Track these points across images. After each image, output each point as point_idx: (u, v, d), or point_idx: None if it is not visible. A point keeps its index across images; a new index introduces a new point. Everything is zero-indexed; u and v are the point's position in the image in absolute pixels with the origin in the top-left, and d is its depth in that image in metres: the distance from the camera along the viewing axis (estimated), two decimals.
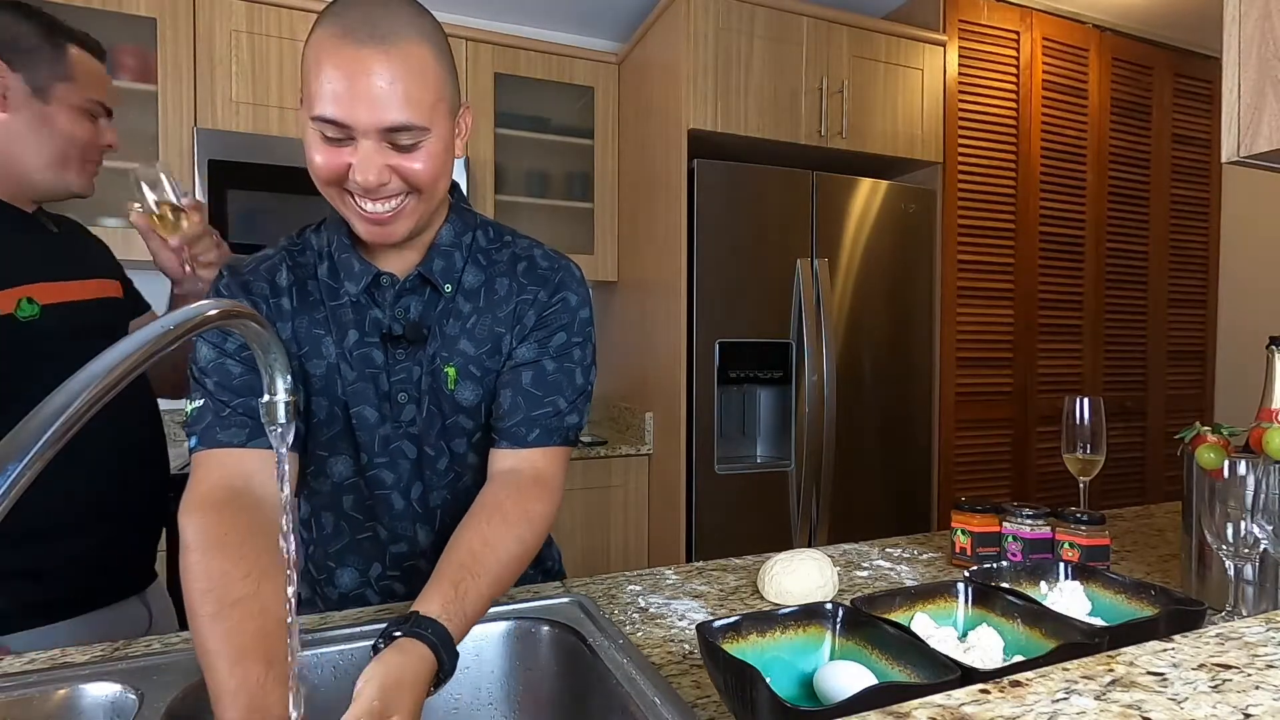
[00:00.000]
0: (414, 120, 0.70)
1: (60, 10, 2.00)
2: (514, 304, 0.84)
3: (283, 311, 0.80)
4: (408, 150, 0.72)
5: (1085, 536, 0.94)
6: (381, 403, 0.82)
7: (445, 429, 0.84)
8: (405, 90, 0.69)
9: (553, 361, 0.84)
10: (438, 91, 0.73)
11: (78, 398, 0.36)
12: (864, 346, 2.31)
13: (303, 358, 0.80)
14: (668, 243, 2.20)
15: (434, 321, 0.82)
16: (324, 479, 0.85)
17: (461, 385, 0.82)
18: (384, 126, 0.70)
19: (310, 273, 0.83)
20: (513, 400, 0.82)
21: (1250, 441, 0.82)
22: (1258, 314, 2.89)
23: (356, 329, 0.81)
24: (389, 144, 0.71)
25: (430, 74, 0.72)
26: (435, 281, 0.82)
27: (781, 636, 0.63)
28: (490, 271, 0.85)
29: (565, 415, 0.83)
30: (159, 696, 0.63)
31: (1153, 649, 0.46)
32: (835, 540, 2.22)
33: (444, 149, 0.75)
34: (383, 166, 0.71)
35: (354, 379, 0.81)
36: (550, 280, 0.86)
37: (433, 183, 0.75)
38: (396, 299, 0.81)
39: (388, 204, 0.74)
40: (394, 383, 0.82)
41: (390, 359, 0.81)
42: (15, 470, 0.34)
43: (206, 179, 2.01)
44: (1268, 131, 0.81)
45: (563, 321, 0.85)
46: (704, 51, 2.11)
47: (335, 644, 0.73)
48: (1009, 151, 2.53)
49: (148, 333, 0.40)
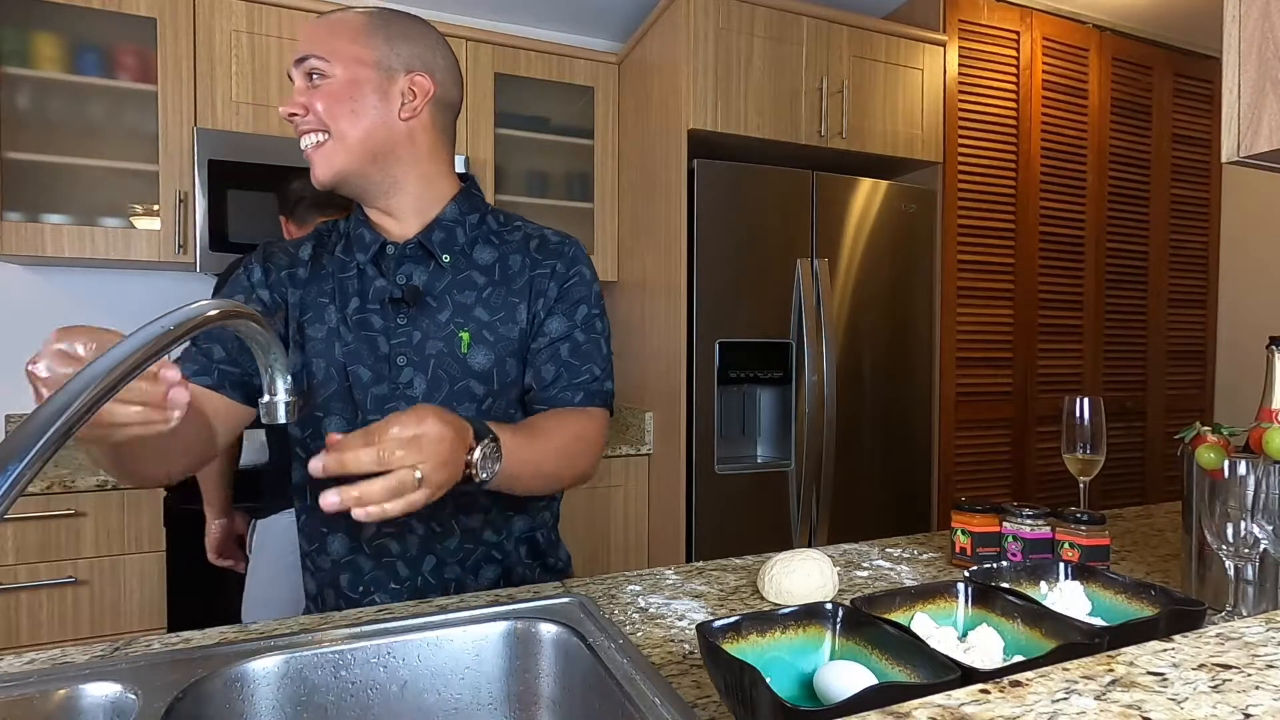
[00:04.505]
0: (315, 52, 0.83)
1: (60, 10, 2.00)
2: (528, 276, 0.92)
3: (296, 279, 0.90)
4: (315, 86, 0.83)
5: (1085, 536, 0.94)
6: (379, 364, 0.88)
7: (453, 393, 0.88)
8: (318, 35, 0.83)
9: (582, 333, 0.92)
10: (357, 46, 0.84)
11: (78, 398, 0.36)
12: (864, 346, 2.31)
13: (305, 322, 0.89)
14: (668, 243, 2.20)
15: (439, 291, 0.89)
16: (320, 440, 0.89)
17: (474, 349, 0.89)
18: (296, 57, 0.84)
19: (329, 250, 0.93)
20: (555, 371, 0.90)
21: (1250, 441, 0.82)
22: (1258, 314, 2.89)
23: (359, 296, 0.89)
24: (305, 78, 0.84)
25: (348, 28, 0.84)
26: (434, 250, 0.89)
27: (781, 636, 0.63)
28: (503, 249, 0.93)
29: (602, 381, 0.93)
30: (159, 696, 0.63)
31: (1153, 649, 0.46)
32: (835, 540, 2.22)
33: (350, 92, 0.83)
34: (295, 101, 0.84)
35: (351, 340, 0.88)
36: (564, 253, 0.93)
37: (334, 120, 0.83)
38: (398, 265, 0.89)
39: (305, 138, 0.85)
40: (394, 345, 0.88)
41: (391, 324, 0.88)
42: (15, 470, 0.34)
43: (206, 179, 2.01)
44: (1268, 131, 0.81)
45: (582, 294, 0.93)
46: (704, 51, 2.11)
47: (335, 644, 0.73)
48: (1009, 151, 2.53)
49: (148, 333, 0.40)
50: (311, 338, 0.88)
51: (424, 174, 0.90)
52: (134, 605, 1.80)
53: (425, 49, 0.88)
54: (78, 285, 2.29)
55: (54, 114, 2.10)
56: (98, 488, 1.75)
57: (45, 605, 1.73)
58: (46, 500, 1.72)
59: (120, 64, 2.09)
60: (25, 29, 2.01)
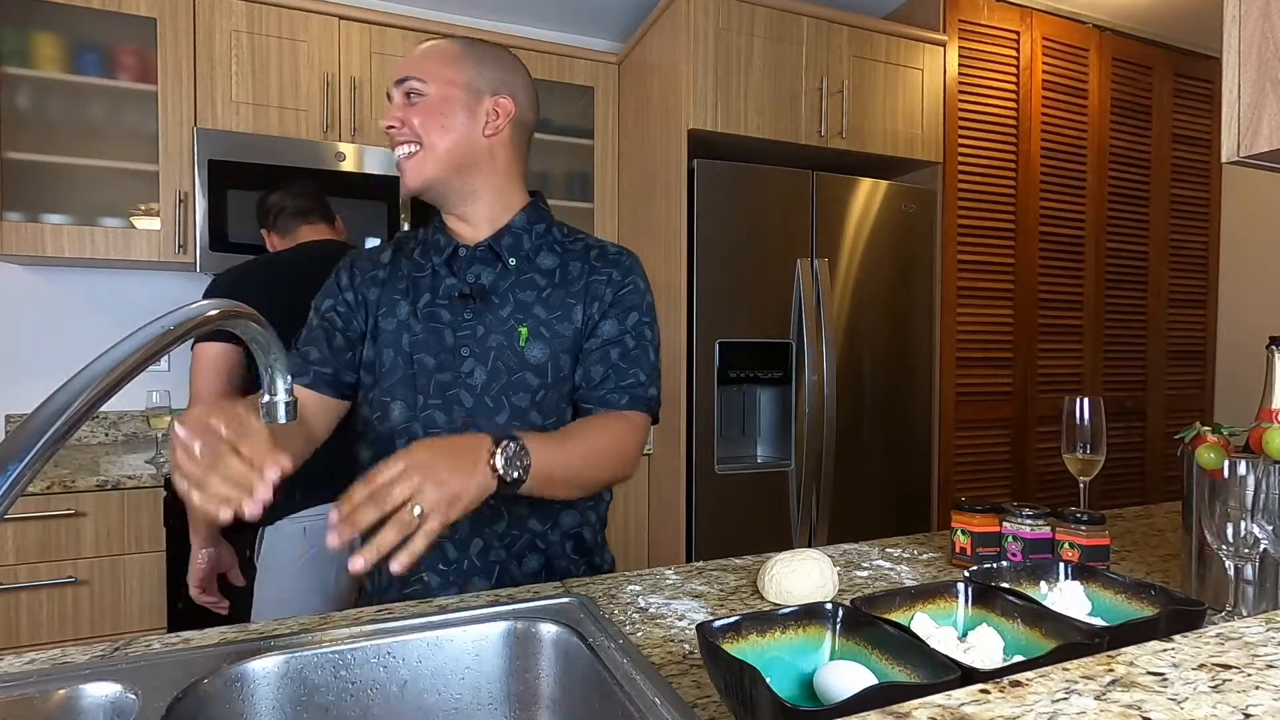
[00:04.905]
0: (414, 74, 0.93)
1: (60, 10, 2.00)
2: (586, 281, 0.99)
3: (376, 280, 1.01)
4: (412, 104, 0.93)
5: (1085, 536, 0.94)
6: (444, 354, 0.96)
7: (510, 384, 0.96)
8: (418, 60, 0.94)
9: (632, 339, 0.99)
10: (450, 69, 0.94)
11: (78, 397, 0.36)
12: (864, 346, 2.31)
13: (380, 316, 0.98)
14: (668, 243, 2.20)
15: (503, 290, 0.98)
16: (385, 422, 0.97)
17: (531, 344, 0.96)
18: (397, 78, 0.95)
19: (407, 254, 1.03)
20: (604, 373, 0.97)
21: (1250, 441, 0.82)
22: (1258, 314, 2.89)
23: (430, 292, 0.98)
24: (403, 96, 0.94)
25: (443, 54, 0.95)
26: (501, 253, 0.98)
27: (781, 636, 0.63)
28: (565, 257, 1.01)
29: (647, 387, 0.99)
30: (159, 696, 0.63)
31: (1153, 649, 0.46)
32: (835, 540, 2.22)
33: (442, 109, 0.93)
34: (394, 115, 0.94)
35: (420, 331, 0.97)
36: (621, 263, 1.02)
37: (426, 133, 0.92)
38: (468, 265, 0.99)
39: (400, 149, 0.94)
40: (459, 337, 0.96)
41: (458, 318, 0.97)
42: (15, 470, 0.34)
43: (206, 179, 2.01)
44: (1268, 131, 0.81)
45: (635, 302, 1.00)
46: (704, 51, 2.11)
47: (335, 644, 0.73)
48: (1009, 151, 2.53)
49: (148, 333, 0.40)
50: (384, 329, 0.98)
51: (498, 185, 0.99)
52: (134, 605, 1.80)
53: (509, 74, 0.99)
54: (78, 285, 2.29)
55: (54, 114, 2.10)
56: (98, 488, 1.75)
57: (45, 605, 1.73)
58: (46, 500, 1.72)
59: (120, 64, 2.09)
60: (25, 29, 2.01)
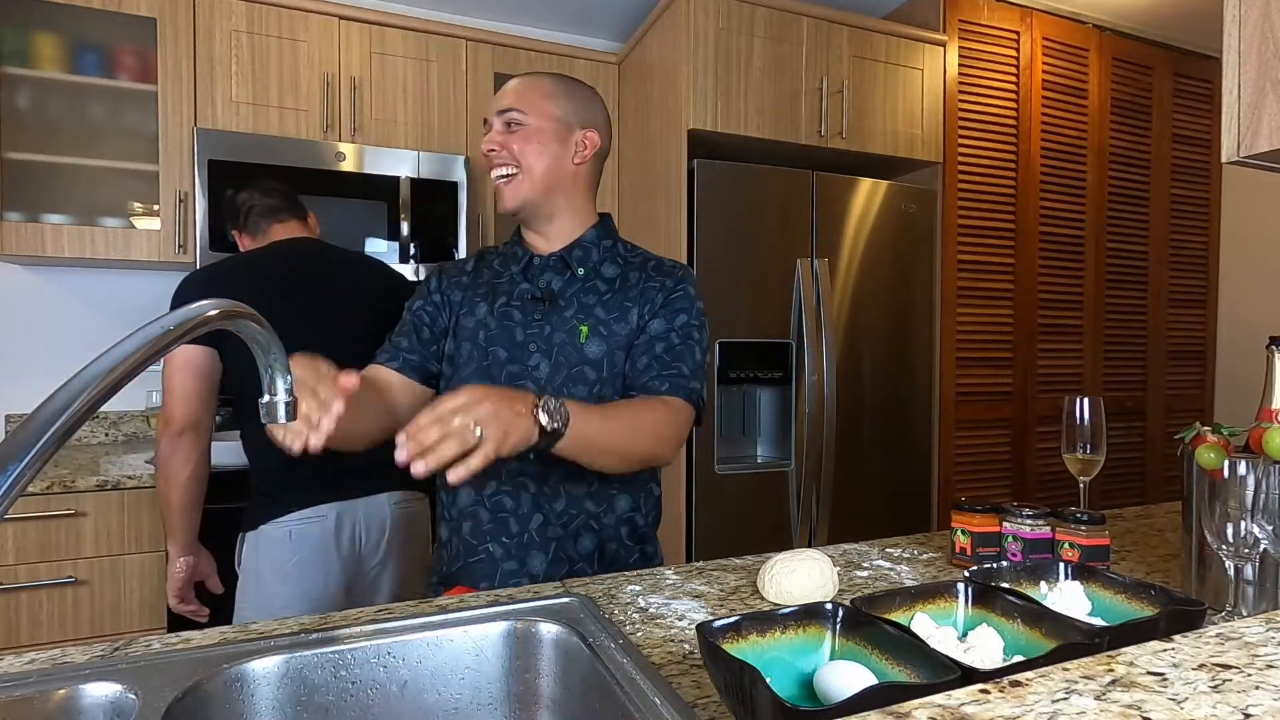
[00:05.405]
0: (515, 105, 1.05)
1: (60, 10, 2.00)
2: (641, 287, 1.10)
3: (460, 284, 1.13)
4: (512, 132, 1.05)
5: (1085, 536, 0.94)
6: (514, 348, 1.07)
7: (570, 376, 1.05)
8: (517, 92, 1.06)
9: (678, 337, 1.07)
10: (548, 103, 1.06)
11: (78, 397, 0.36)
12: (864, 346, 2.31)
13: (461, 315, 1.11)
14: (668, 243, 2.20)
15: (570, 295, 1.08)
16: None
17: (591, 341, 1.06)
18: (499, 109, 1.06)
19: (488, 263, 1.16)
20: (648, 363, 1.06)
21: (1250, 441, 0.82)
22: (1258, 314, 2.89)
23: (506, 295, 1.10)
24: (504, 125, 1.06)
25: (541, 89, 1.07)
26: (571, 263, 1.10)
27: (781, 636, 0.63)
28: (625, 268, 1.12)
29: (689, 379, 1.06)
30: (159, 696, 0.63)
31: (1153, 649, 0.46)
32: (835, 540, 2.22)
33: (539, 139, 1.05)
34: (495, 140, 1.05)
35: (495, 328, 1.08)
36: (675, 274, 1.12)
37: (524, 158, 1.04)
38: (541, 273, 1.10)
39: (498, 170, 1.06)
40: (528, 335, 1.07)
41: (528, 318, 1.08)
42: (16, 470, 0.34)
43: (206, 179, 2.01)
44: (1268, 131, 0.81)
45: (683, 306, 1.09)
46: (704, 51, 2.11)
47: (335, 644, 0.73)
48: (1009, 151, 2.53)
49: (147, 333, 0.40)
50: (464, 326, 1.10)
51: (576, 207, 1.11)
52: (134, 605, 1.80)
53: (595, 110, 1.11)
54: (78, 285, 2.29)
55: (54, 114, 2.10)
56: (98, 488, 1.75)
57: (45, 605, 1.73)
58: (46, 500, 1.72)
59: (120, 64, 2.09)
60: (25, 29, 2.01)
